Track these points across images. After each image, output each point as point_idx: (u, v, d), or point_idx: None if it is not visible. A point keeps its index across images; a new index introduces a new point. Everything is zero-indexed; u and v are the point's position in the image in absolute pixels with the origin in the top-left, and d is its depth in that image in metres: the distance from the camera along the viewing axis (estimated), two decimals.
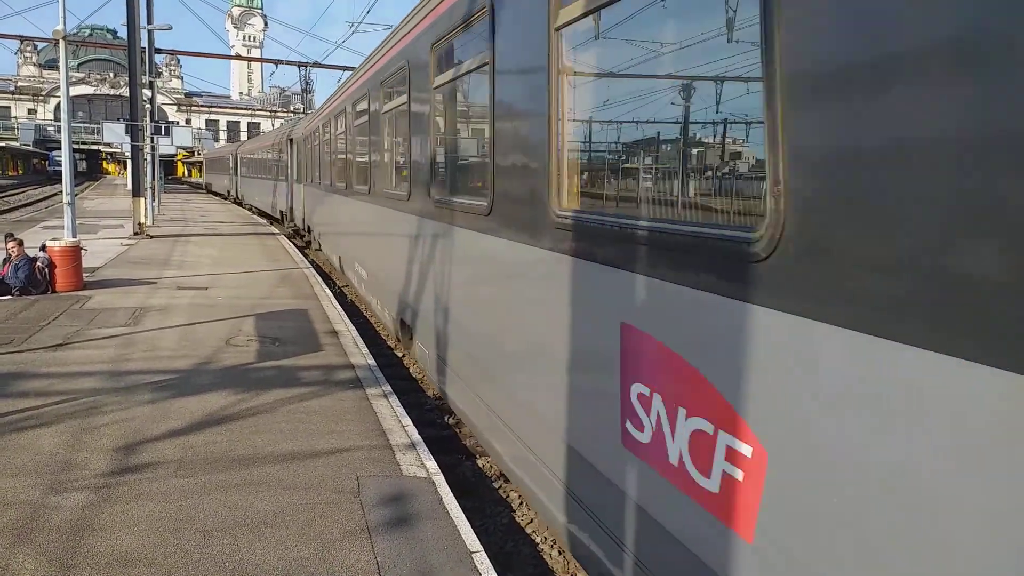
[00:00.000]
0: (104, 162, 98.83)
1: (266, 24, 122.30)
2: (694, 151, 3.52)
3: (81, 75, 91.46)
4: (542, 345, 4.39)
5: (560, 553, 5.22)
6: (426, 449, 5.88)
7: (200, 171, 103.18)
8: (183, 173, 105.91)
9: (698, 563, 2.86)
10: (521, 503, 5.85)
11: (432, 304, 7.07)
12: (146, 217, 23.84)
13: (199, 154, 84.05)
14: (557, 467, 4.19)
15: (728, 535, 2.65)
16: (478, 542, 4.44)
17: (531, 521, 5.60)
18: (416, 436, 6.13)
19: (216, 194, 58.72)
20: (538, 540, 5.39)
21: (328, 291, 13.40)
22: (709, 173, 3.38)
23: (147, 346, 8.79)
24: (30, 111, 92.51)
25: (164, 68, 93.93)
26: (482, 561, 4.21)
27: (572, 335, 3.96)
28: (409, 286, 8.09)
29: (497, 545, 5.26)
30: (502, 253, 4.97)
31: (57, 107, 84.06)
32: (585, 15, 3.72)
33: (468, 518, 4.77)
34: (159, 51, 35.42)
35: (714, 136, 3.35)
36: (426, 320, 7.41)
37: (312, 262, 18.46)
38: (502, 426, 5.15)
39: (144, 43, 27.43)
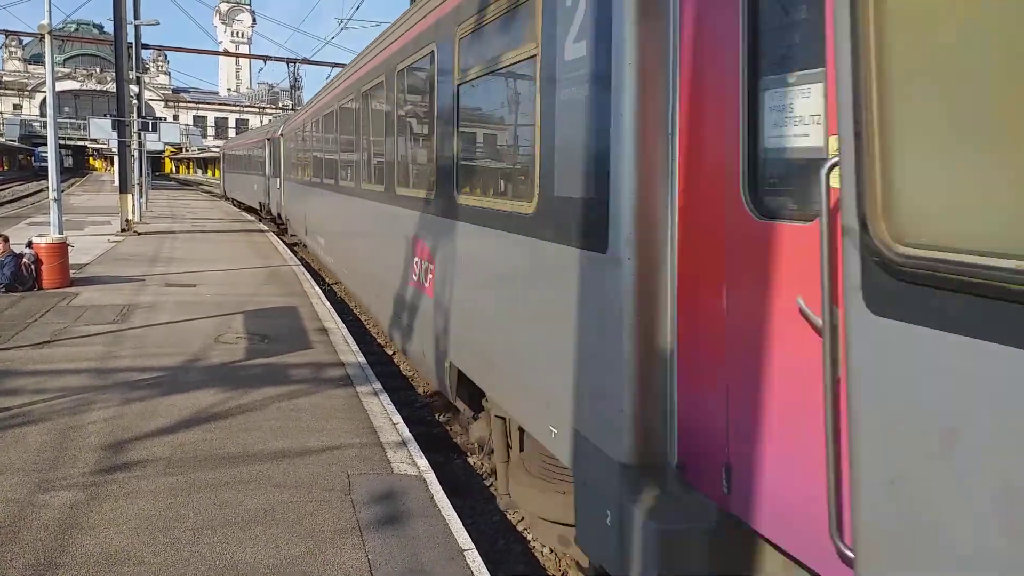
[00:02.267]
0: (91, 158, 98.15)
1: (254, 20, 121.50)
2: None
3: (67, 70, 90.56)
4: None
5: (551, 551, 5.22)
6: (417, 447, 5.86)
7: (191, 167, 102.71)
8: (171, 169, 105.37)
9: None
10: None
11: None
12: (134, 213, 23.68)
13: (187, 150, 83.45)
14: None
15: None
16: (470, 540, 4.43)
17: (522, 519, 5.60)
18: (407, 434, 6.12)
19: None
20: (530, 538, 5.40)
21: (317, 288, 13.35)
22: None
23: (135, 343, 8.72)
24: (15, 106, 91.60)
25: (151, 64, 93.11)
26: (474, 559, 4.20)
27: None
28: None
29: (488, 542, 5.26)
30: None
31: (43, 103, 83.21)
32: None
33: (459, 516, 4.76)
34: (146, 47, 35.17)
35: None
36: None
37: (301, 259, 18.38)
38: None
39: (131, 38, 27.24)
